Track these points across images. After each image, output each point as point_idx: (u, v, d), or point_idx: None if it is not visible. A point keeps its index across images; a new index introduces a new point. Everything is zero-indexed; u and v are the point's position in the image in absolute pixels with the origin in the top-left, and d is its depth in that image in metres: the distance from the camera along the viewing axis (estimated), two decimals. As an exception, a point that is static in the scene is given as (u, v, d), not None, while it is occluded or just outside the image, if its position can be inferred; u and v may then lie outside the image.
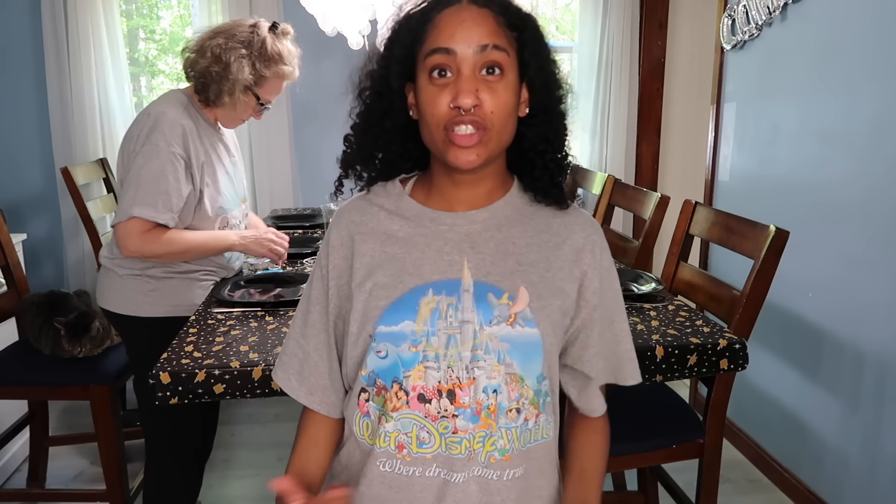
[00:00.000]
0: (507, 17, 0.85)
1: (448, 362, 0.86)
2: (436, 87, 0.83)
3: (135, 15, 3.22)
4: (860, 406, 1.94)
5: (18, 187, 3.03)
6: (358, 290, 0.89)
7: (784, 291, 2.18)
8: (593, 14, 3.23)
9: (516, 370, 0.87)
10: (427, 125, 0.85)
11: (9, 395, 1.99)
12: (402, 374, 0.86)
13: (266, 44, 1.70)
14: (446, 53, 0.82)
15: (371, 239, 0.92)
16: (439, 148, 0.86)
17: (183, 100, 1.72)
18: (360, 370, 0.89)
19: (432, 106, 0.84)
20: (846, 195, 1.97)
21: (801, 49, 2.16)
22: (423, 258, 0.89)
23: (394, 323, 0.86)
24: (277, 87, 1.79)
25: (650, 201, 2.11)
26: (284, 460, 0.85)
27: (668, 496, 1.85)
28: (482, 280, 0.88)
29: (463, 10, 0.84)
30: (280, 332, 1.45)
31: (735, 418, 2.57)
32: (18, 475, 2.35)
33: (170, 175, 1.60)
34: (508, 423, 0.87)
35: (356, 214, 0.94)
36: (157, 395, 1.26)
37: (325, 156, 3.25)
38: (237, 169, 1.88)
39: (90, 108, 2.91)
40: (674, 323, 1.51)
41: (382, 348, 0.87)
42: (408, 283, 0.88)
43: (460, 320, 0.86)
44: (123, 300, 1.72)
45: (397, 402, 0.87)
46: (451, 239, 0.91)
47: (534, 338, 0.88)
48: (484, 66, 0.83)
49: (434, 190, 0.94)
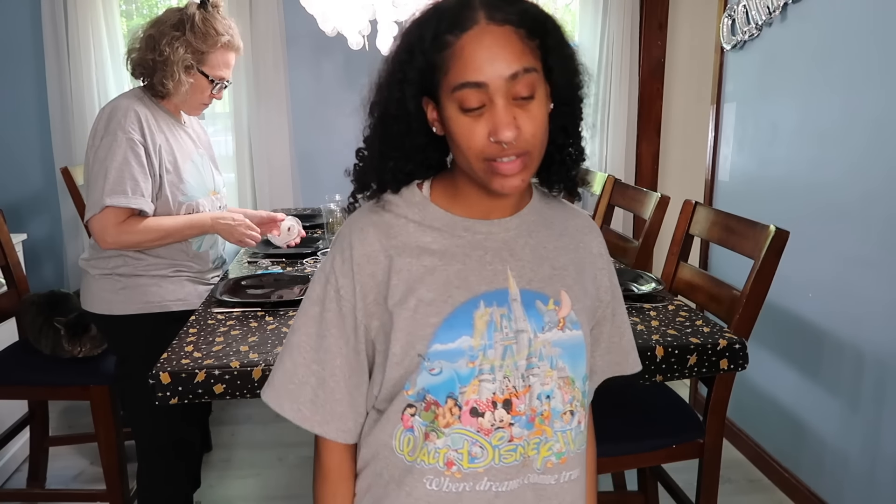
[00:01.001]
0: (527, 26, 0.80)
1: (504, 372, 0.84)
2: (469, 119, 0.80)
3: (135, 15, 3.21)
4: (860, 406, 1.94)
5: (18, 187, 3.03)
6: (399, 309, 0.84)
7: (784, 291, 2.18)
8: (593, 14, 3.23)
9: (568, 373, 0.87)
10: (463, 154, 0.82)
11: (9, 395, 1.99)
12: (458, 389, 0.83)
13: (196, 20, 1.71)
14: (477, 88, 0.78)
15: (405, 253, 0.86)
16: (479, 176, 0.83)
17: (138, 93, 1.75)
18: (407, 389, 0.85)
19: (468, 139, 0.80)
20: (846, 195, 1.97)
21: (801, 49, 2.16)
22: (467, 269, 0.86)
23: (450, 340, 0.83)
24: (224, 60, 1.78)
25: (650, 201, 2.11)
26: (284, 460, 0.85)
27: (668, 496, 1.85)
28: (527, 287, 0.87)
29: (484, 34, 0.78)
30: (280, 332, 1.45)
31: (735, 418, 2.57)
32: (18, 475, 2.35)
33: (133, 161, 1.62)
34: (564, 427, 0.87)
35: (381, 228, 0.88)
36: (156, 395, 1.26)
37: (325, 156, 3.25)
38: (204, 161, 1.88)
39: (90, 108, 2.91)
40: (674, 323, 1.51)
41: (436, 366, 0.83)
42: (457, 297, 0.85)
43: (515, 330, 0.85)
44: (98, 300, 1.74)
45: (450, 417, 0.84)
46: (489, 248, 0.88)
47: (579, 339, 0.89)
48: (518, 95, 0.79)
49: (460, 197, 0.89)
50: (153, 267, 1.74)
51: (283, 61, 3.06)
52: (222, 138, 3.15)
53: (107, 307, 1.73)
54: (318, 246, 2.15)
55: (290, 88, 3.13)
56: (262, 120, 3.07)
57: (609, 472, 2.01)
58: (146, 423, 1.76)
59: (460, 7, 0.80)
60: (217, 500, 2.25)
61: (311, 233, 2.47)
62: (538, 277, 0.88)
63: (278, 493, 2.27)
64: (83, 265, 1.77)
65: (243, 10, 2.93)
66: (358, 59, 3.07)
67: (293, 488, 2.30)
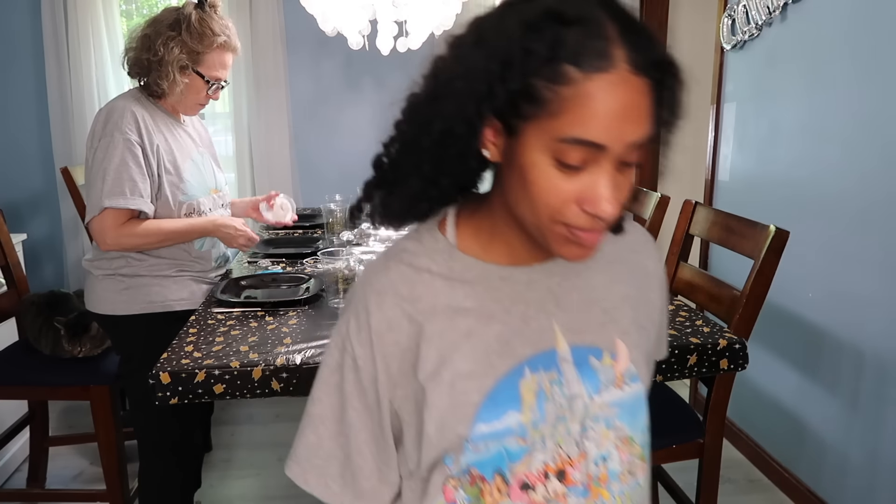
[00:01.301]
0: (659, 77, 0.65)
1: (556, 440, 0.73)
2: (560, 174, 0.64)
3: (135, 15, 3.21)
4: (860, 406, 1.94)
5: (18, 187, 3.03)
6: (432, 383, 0.72)
7: (784, 291, 2.18)
8: (593, 14, 3.23)
9: (627, 432, 0.76)
10: (532, 208, 0.67)
11: (9, 395, 1.99)
12: (506, 465, 0.72)
13: (192, 20, 1.70)
14: (593, 148, 0.63)
15: (435, 317, 0.73)
16: (545, 235, 0.69)
17: (135, 93, 1.75)
18: (448, 465, 0.74)
19: (549, 195, 0.65)
20: (846, 195, 1.96)
21: (801, 49, 2.16)
22: (508, 330, 0.73)
23: (496, 418, 0.71)
24: (220, 61, 1.77)
25: (650, 201, 2.11)
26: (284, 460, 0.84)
27: (668, 496, 1.85)
28: (577, 343, 0.75)
29: (620, 85, 0.61)
30: (280, 331, 1.45)
31: (735, 418, 2.57)
32: (18, 475, 2.35)
33: (131, 162, 1.62)
34: (622, 488, 0.76)
35: (403, 287, 0.74)
36: (157, 395, 1.26)
37: (325, 156, 3.25)
38: (205, 159, 1.88)
39: (90, 108, 2.91)
40: (674, 323, 1.51)
41: (482, 447, 0.72)
42: (499, 367, 0.72)
43: (568, 397, 0.73)
44: (102, 300, 1.74)
45: (498, 495, 0.73)
46: (531, 300, 0.75)
47: (639, 394, 0.78)
48: (628, 161, 0.65)
49: (497, 241, 0.75)
50: (156, 267, 1.74)
51: (283, 61, 3.06)
52: (222, 138, 3.16)
53: (111, 307, 1.73)
54: (318, 246, 2.15)
55: (290, 88, 3.13)
56: (262, 120, 3.07)
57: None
58: (150, 422, 1.76)
59: (590, 29, 0.61)
60: (217, 500, 2.25)
61: (311, 233, 2.47)
62: (589, 328, 0.76)
63: (278, 493, 2.27)
64: (86, 266, 1.77)
65: (243, 10, 2.93)
66: (358, 59, 3.07)
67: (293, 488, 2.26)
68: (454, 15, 2.21)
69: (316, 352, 1.32)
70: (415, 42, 2.22)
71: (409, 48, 2.24)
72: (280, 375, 1.27)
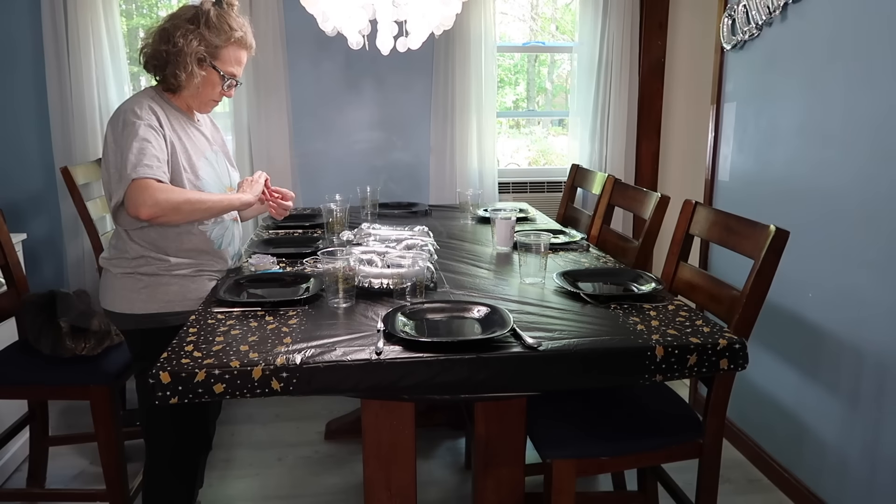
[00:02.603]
0: None
1: None
2: None
3: (135, 15, 3.22)
4: (860, 406, 1.94)
5: (18, 187, 3.03)
6: None
7: (784, 291, 2.18)
8: (593, 14, 3.23)
9: None
10: None
11: (9, 395, 1.99)
12: None
13: (210, 15, 1.73)
14: None
15: None
16: None
17: (150, 93, 1.78)
18: None
19: None
20: (846, 195, 1.97)
21: (801, 49, 2.16)
22: None
23: None
24: (236, 56, 1.80)
25: (650, 201, 2.11)
26: (284, 460, 0.84)
27: (668, 496, 1.85)
28: None
29: None
30: (280, 331, 1.45)
31: (735, 418, 2.57)
32: (18, 475, 2.35)
33: (153, 140, 1.64)
34: None
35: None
36: (156, 395, 1.26)
37: (325, 156, 3.25)
38: (219, 158, 1.90)
39: (90, 108, 2.91)
40: (674, 323, 1.51)
41: None
42: None
43: None
44: (119, 298, 1.74)
45: None
46: None
47: None
48: None
49: None
50: (175, 267, 1.75)
51: (283, 61, 3.06)
52: (222, 138, 3.16)
53: (128, 306, 1.73)
54: (319, 246, 2.15)
55: (290, 88, 3.13)
56: (262, 120, 3.07)
57: (609, 472, 2.02)
58: (161, 421, 1.75)
59: None
60: (217, 500, 2.25)
61: (311, 233, 2.47)
62: None
63: (278, 493, 2.27)
64: (104, 264, 1.78)
65: (243, 10, 2.93)
66: (358, 59, 3.07)
67: (293, 488, 2.30)
68: (454, 15, 2.21)
69: (316, 351, 1.32)
70: (415, 42, 2.22)
71: (409, 48, 2.24)
72: (280, 375, 1.27)
